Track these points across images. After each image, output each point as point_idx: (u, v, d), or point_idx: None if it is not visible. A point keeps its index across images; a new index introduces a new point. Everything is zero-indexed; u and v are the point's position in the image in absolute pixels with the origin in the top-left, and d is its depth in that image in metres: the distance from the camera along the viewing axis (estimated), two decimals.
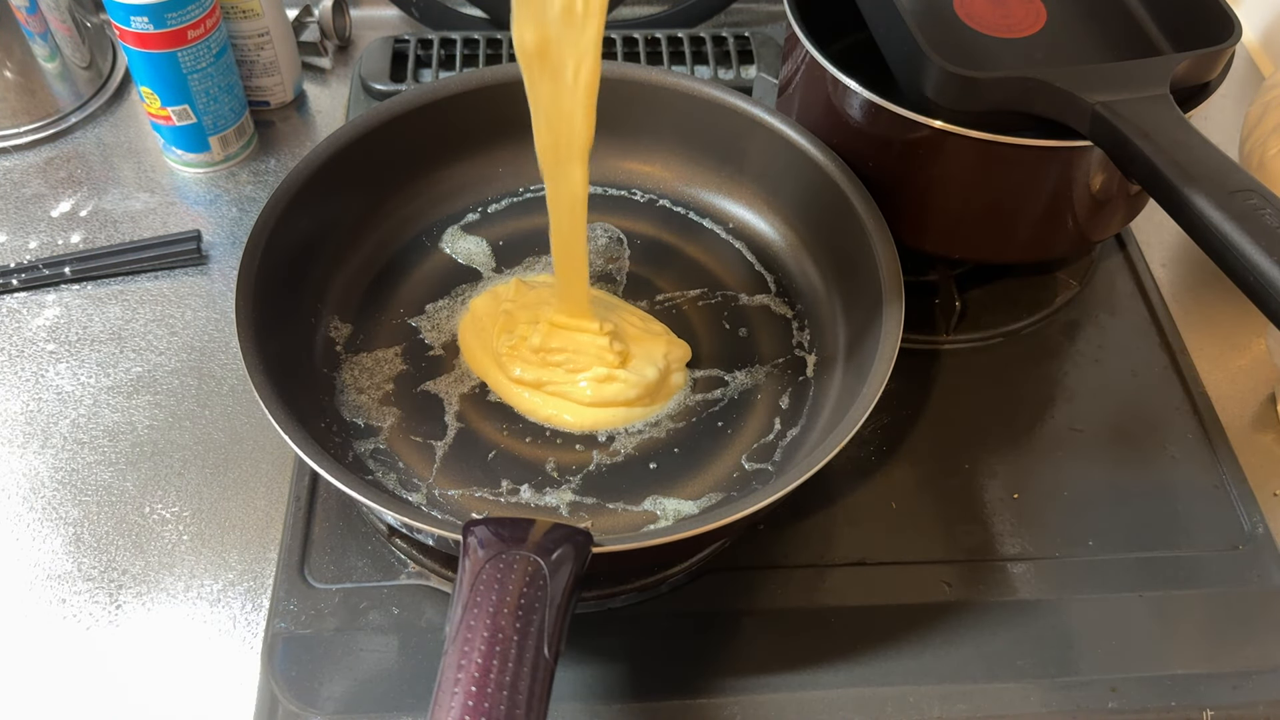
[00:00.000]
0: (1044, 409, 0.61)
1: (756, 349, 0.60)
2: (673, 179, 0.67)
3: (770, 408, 0.57)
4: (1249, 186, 0.44)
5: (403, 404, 0.57)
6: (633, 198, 0.67)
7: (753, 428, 0.57)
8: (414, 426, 0.56)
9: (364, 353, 0.59)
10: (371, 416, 0.56)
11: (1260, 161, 0.64)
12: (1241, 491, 0.57)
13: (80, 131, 0.75)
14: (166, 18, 0.64)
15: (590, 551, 0.41)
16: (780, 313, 0.62)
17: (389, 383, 0.57)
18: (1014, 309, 0.65)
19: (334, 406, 0.56)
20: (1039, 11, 0.59)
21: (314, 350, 0.58)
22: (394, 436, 0.55)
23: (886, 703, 0.49)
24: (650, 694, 0.49)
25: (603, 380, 0.56)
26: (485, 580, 0.38)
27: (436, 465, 0.54)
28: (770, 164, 0.63)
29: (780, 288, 0.63)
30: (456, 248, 0.64)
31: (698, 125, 0.64)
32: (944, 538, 0.55)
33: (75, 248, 0.68)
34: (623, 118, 0.65)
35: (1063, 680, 0.50)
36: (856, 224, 0.57)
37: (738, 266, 0.64)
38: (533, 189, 0.67)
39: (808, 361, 0.59)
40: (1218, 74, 0.54)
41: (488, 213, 0.66)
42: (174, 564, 0.54)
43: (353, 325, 0.60)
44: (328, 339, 0.59)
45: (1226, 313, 0.66)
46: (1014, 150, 0.53)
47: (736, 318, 0.61)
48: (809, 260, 0.63)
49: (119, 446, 0.58)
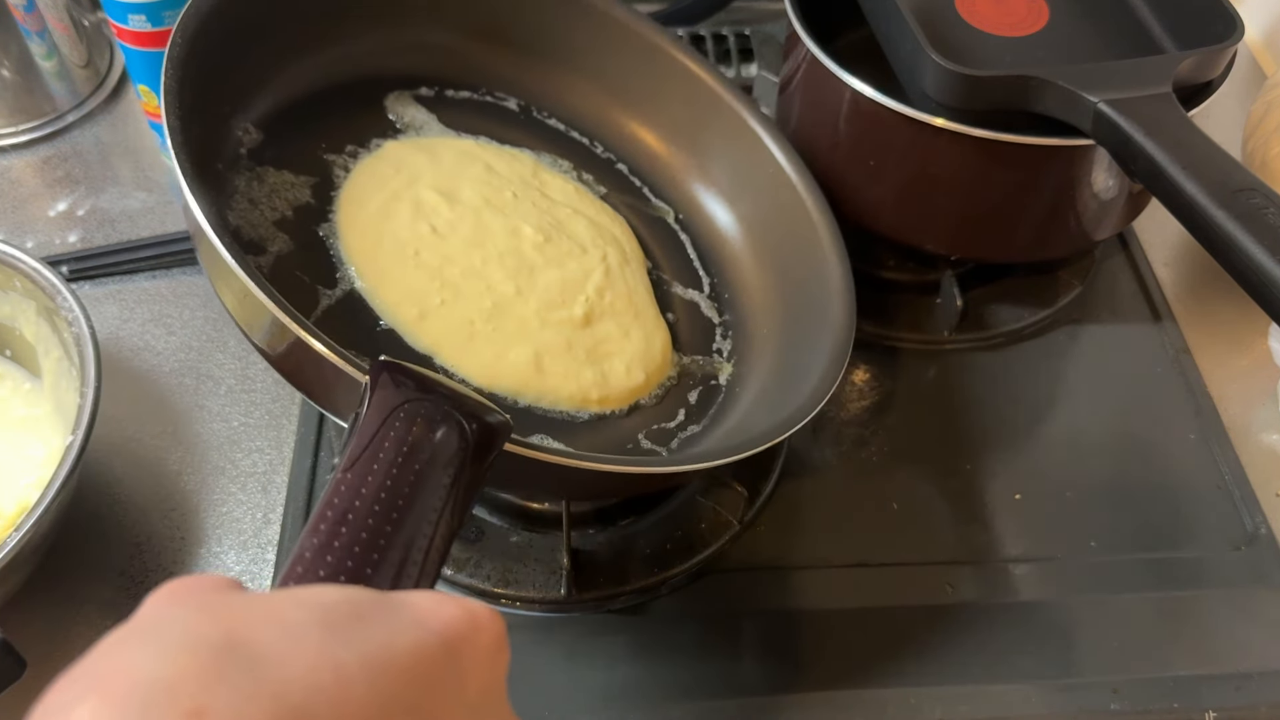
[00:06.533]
0: (1046, 409, 0.61)
1: (678, 337, 0.57)
2: (641, 149, 0.64)
3: (679, 398, 0.55)
4: (1251, 185, 0.44)
5: (298, 237, 0.51)
6: (593, 149, 0.64)
7: (657, 409, 0.54)
8: (303, 264, 0.50)
9: (270, 168, 0.53)
10: (261, 233, 0.50)
11: (1263, 160, 0.64)
12: (1244, 492, 0.57)
13: (77, 130, 0.75)
14: (164, 16, 0.64)
15: (504, 441, 0.37)
16: (708, 316, 0.59)
17: (289, 209, 0.52)
18: (1016, 308, 0.65)
19: (220, 207, 0.50)
20: (1041, 9, 0.58)
21: (218, 146, 0.51)
22: (279, 264, 0.49)
23: (888, 704, 0.49)
24: (650, 696, 0.49)
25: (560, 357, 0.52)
26: (403, 417, 0.33)
27: (316, 314, 0.49)
28: (737, 166, 0.61)
29: (714, 292, 0.60)
30: (402, 114, 0.59)
31: (678, 102, 0.62)
32: (946, 539, 0.55)
33: (73, 247, 0.67)
34: (615, 70, 0.63)
35: (1065, 682, 0.50)
36: (818, 256, 0.55)
37: (677, 257, 0.61)
38: (496, 95, 0.63)
39: (723, 369, 0.57)
40: (1220, 72, 0.54)
41: (444, 95, 0.61)
42: (172, 564, 0.53)
43: (264, 135, 0.54)
44: (234, 137, 0.52)
45: (1229, 312, 0.66)
46: (1016, 149, 0.53)
47: (665, 302, 0.58)
48: (755, 275, 0.60)
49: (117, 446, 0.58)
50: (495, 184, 0.57)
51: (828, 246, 0.56)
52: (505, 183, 0.57)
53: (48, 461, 0.54)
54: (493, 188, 0.56)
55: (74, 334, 0.50)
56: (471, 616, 0.24)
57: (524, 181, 0.58)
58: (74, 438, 0.47)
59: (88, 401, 0.48)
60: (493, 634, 0.25)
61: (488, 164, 0.58)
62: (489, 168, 0.58)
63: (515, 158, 0.60)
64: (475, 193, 0.56)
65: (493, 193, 0.56)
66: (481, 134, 0.61)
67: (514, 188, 0.57)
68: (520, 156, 0.60)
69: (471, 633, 0.24)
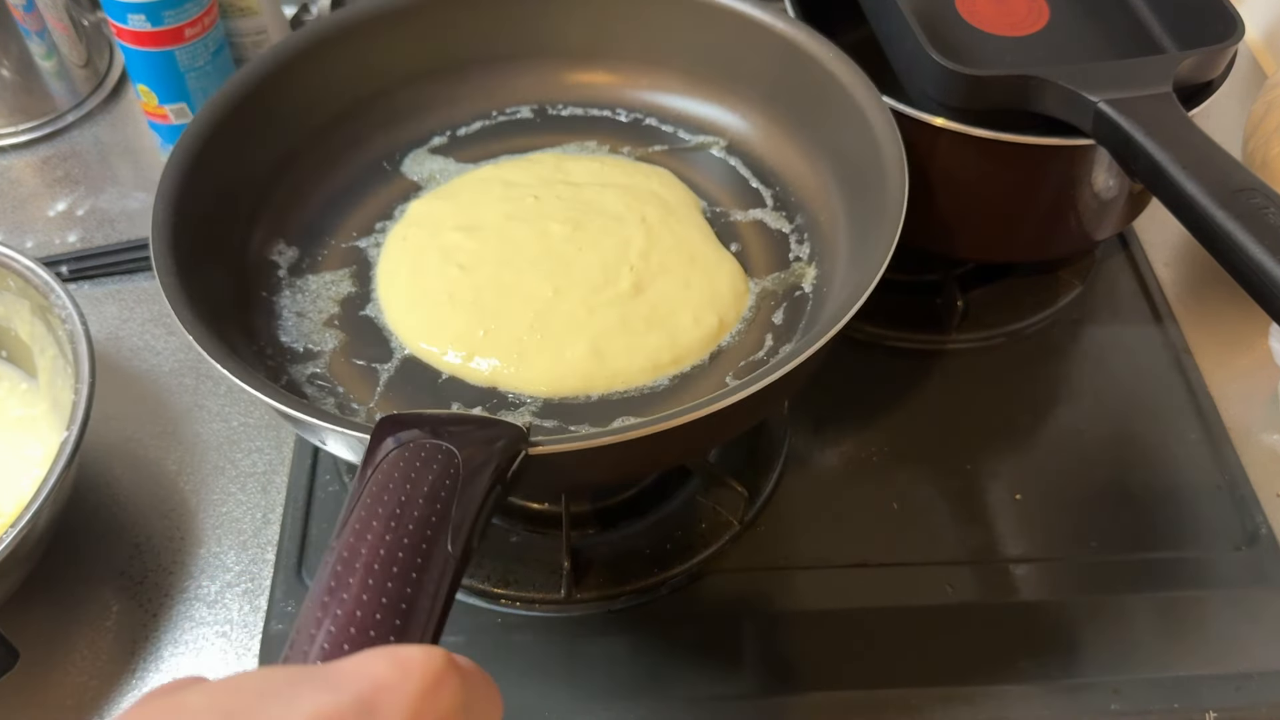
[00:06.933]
0: (1046, 409, 0.61)
1: (749, 263, 0.55)
2: (661, 96, 0.62)
3: (763, 324, 0.52)
4: (1252, 185, 0.44)
5: (348, 327, 0.52)
6: (617, 118, 0.62)
7: (741, 345, 0.52)
8: (358, 350, 0.51)
9: (309, 275, 0.54)
10: (312, 340, 0.51)
11: (1263, 160, 0.64)
12: (1244, 492, 0.57)
13: (77, 130, 0.75)
14: (164, 15, 0.64)
15: (522, 449, 0.37)
16: (777, 227, 0.56)
17: (335, 305, 0.53)
18: (1016, 308, 0.65)
19: (271, 331, 0.51)
20: (1041, 9, 0.58)
21: (249, 276, 0.53)
22: (335, 361, 0.51)
23: (888, 705, 0.49)
24: (650, 696, 0.49)
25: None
26: (386, 466, 0.34)
27: (379, 389, 0.50)
28: (757, 68, 0.59)
29: (778, 201, 0.58)
30: (422, 170, 0.59)
31: (684, 32, 0.60)
32: (946, 539, 0.55)
33: (72, 247, 0.67)
34: (608, 33, 0.61)
35: (1065, 682, 0.50)
36: (857, 116, 0.53)
37: (734, 184, 0.59)
38: (507, 110, 0.62)
39: (807, 274, 0.54)
40: (1220, 72, 0.54)
41: (457, 136, 0.61)
42: (171, 564, 0.53)
43: (299, 249, 0.55)
44: (269, 262, 0.54)
45: (1229, 312, 0.66)
46: (1016, 148, 0.53)
47: (727, 234, 0.56)
48: (810, 167, 0.58)
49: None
50: (515, 195, 0.57)
51: (863, 101, 0.53)
52: (525, 190, 0.57)
53: (45, 461, 0.54)
54: (512, 201, 0.56)
55: (68, 331, 0.50)
56: (399, 664, 0.25)
57: (545, 181, 0.58)
58: (69, 433, 0.47)
59: (82, 398, 0.48)
60: (423, 674, 0.25)
61: (504, 180, 0.58)
62: (506, 183, 0.58)
63: (535, 161, 0.59)
64: (495, 212, 0.56)
65: (513, 206, 0.56)
66: (501, 155, 0.60)
67: (535, 191, 0.57)
68: (540, 158, 0.60)
69: (398, 680, 0.24)
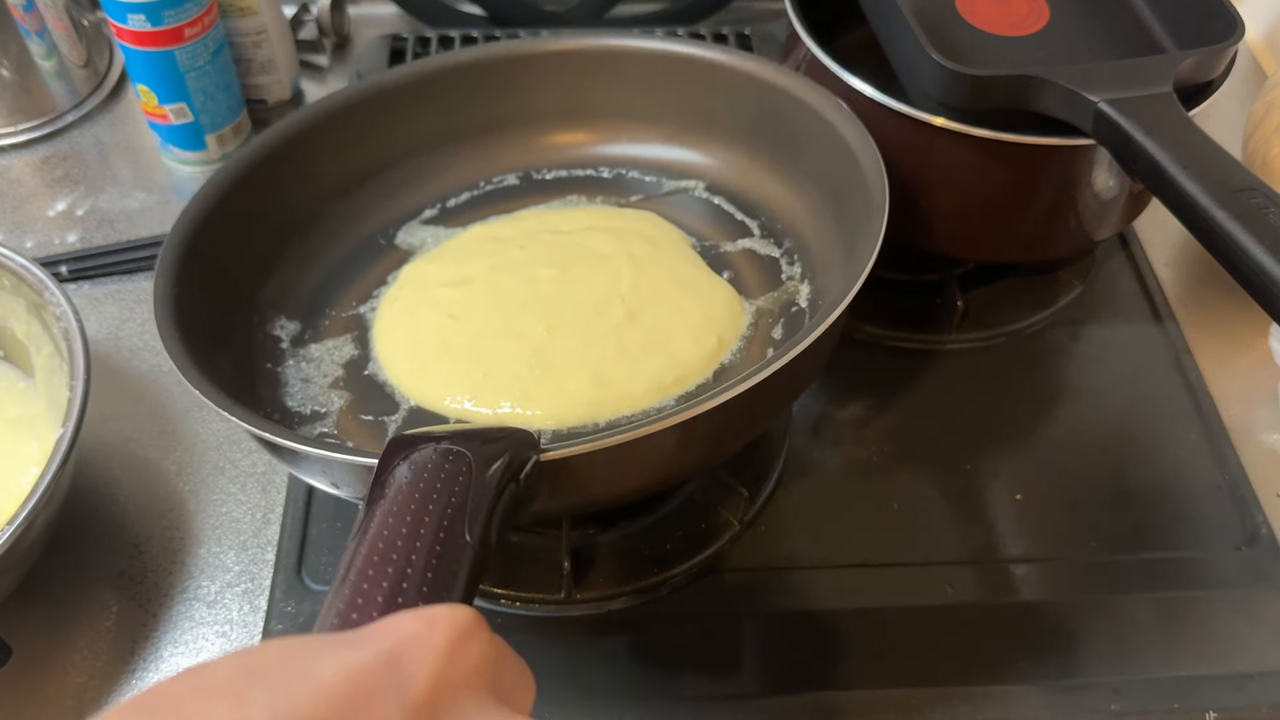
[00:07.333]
0: (1046, 409, 0.61)
1: (742, 288, 0.56)
2: (640, 148, 0.64)
3: (763, 340, 0.54)
4: (1252, 185, 0.44)
5: (353, 387, 0.53)
6: (600, 175, 0.64)
7: (744, 361, 0.53)
8: (365, 406, 0.52)
9: (312, 344, 0.56)
10: (319, 403, 0.53)
11: (1264, 160, 0.64)
12: (1244, 492, 0.57)
13: (77, 130, 0.75)
14: (164, 15, 0.64)
15: (532, 454, 0.38)
16: (767, 253, 0.58)
17: (338, 368, 0.54)
18: (1016, 309, 0.65)
19: (278, 399, 0.53)
20: (1041, 9, 0.58)
21: (253, 352, 0.54)
22: (343, 419, 0.52)
23: (888, 705, 0.49)
24: (650, 696, 0.49)
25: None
26: (400, 470, 0.35)
27: (389, 440, 0.52)
28: (726, 107, 0.60)
29: (765, 230, 0.59)
30: (414, 239, 0.61)
31: (656, 85, 0.62)
32: (946, 539, 0.55)
33: (72, 247, 0.67)
34: (584, 93, 0.63)
35: (1065, 682, 0.50)
36: (830, 135, 0.54)
37: (719, 220, 0.60)
38: (494, 180, 0.64)
39: (801, 291, 0.55)
40: (1221, 72, 0.54)
41: (447, 207, 0.63)
42: (170, 565, 0.53)
43: (300, 322, 0.57)
44: (272, 336, 0.55)
45: (1230, 312, 0.66)
46: (1016, 148, 0.53)
47: (718, 264, 0.57)
48: (794, 193, 0.59)
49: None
50: (500, 248, 0.58)
51: (834, 119, 0.54)
52: (510, 243, 0.58)
53: (43, 459, 0.53)
54: (498, 253, 0.57)
55: (63, 329, 0.50)
56: (425, 619, 0.25)
57: (530, 232, 0.59)
58: (64, 430, 0.47)
59: (77, 394, 0.48)
60: (450, 626, 0.25)
61: (492, 236, 0.59)
62: (494, 239, 0.59)
63: (520, 218, 0.61)
64: (483, 265, 0.57)
65: (499, 258, 0.57)
66: (490, 217, 0.62)
67: (520, 242, 0.58)
68: (525, 215, 0.61)
69: (423, 633, 0.24)
